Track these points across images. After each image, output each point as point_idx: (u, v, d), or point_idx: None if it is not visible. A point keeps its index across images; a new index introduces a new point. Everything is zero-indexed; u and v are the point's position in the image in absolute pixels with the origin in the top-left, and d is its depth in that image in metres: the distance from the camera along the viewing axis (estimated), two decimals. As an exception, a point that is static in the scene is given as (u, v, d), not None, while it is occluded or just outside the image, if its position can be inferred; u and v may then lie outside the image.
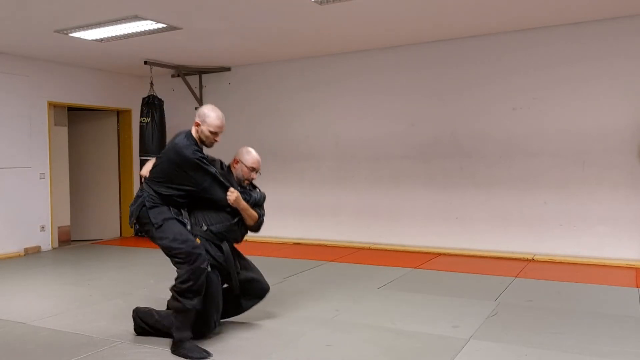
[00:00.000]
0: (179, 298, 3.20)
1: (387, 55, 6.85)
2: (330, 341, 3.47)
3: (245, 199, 3.53)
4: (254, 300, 3.76)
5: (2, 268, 6.08)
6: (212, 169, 3.37)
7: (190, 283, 3.19)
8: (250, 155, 3.62)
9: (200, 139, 3.40)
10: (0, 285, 5.22)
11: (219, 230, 3.50)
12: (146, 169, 3.53)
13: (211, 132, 3.35)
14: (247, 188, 3.68)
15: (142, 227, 3.41)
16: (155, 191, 3.36)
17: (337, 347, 3.36)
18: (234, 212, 3.51)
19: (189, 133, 3.37)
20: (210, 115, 3.33)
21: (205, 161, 3.32)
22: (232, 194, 3.43)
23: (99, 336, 3.62)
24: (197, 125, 3.34)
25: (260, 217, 3.65)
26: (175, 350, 3.23)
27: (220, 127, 3.38)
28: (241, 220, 3.56)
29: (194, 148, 3.29)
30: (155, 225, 3.29)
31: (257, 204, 3.65)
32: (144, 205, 3.33)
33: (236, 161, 3.64)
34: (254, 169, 3.63)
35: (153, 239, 3.37)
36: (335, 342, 3.46)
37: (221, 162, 3.70)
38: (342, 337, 3.55)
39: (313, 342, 3.46)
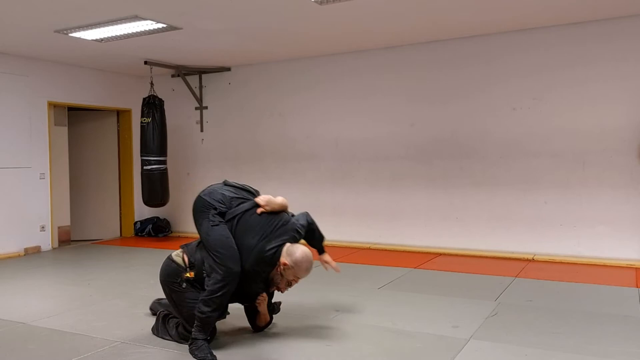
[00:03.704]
0: (204, 307, 3.19)
1: (387, 55, 6.85)
2: (330, 341, 3.47)
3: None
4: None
5: (2, 268, 6.08)
6: (257, 279, 3.35)
7: (220, 285, 3.18)
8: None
9: (278, 272, 3.33)
10: (0, 285, 5.22)
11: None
12: (266, 204, 3.44)
13: (291, 279, 3.32)
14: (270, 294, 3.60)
15: (196, 214, 3.41)
16: (231, 228, 3.34)
17: (337, 347, 3.36)
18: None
19: (277, 253, 3.27)
20: (302, 266, 3.26)
21: (253, 273, 3.28)
22: (261, 299, 3.45)
23: (99, 336, 3.63)
24: (285, 265, 3.24)
25: (269, 322, 3.68)
26: (189, 345, 3.28)
27: (302, 277, 3.37)
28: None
29: (257, 265, 3.26)
30: (212, 223, 3.31)
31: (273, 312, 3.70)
32: (216, 209, 3.35)
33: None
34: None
35: (199, 228, 3.37)
36: (335, 342, 3.46)
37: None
38: (342, 337, 3.55)
39: (313, 342, 3.46)
